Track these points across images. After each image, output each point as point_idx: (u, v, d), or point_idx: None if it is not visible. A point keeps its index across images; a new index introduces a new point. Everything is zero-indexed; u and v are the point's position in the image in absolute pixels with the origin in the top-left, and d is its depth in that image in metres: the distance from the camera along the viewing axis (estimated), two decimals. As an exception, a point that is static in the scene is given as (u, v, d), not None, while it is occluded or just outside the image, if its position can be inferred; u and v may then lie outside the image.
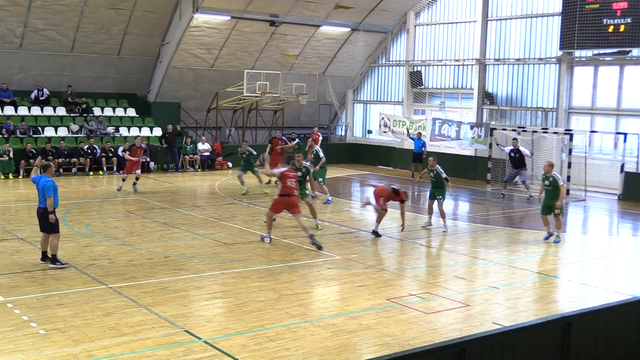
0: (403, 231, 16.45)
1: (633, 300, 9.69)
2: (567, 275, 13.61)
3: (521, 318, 10.44)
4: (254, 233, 16.32)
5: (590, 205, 22.81)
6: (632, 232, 19.61)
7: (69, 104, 29.56)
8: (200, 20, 29.05)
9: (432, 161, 17.74)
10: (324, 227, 17.25)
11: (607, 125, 26.68)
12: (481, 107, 30.42)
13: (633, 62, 25.61)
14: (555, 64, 27.73)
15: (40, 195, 12.66)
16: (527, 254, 15.31)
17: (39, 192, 12.67)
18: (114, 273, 12.49)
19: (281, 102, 32.29)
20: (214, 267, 13.19)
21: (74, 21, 28.03)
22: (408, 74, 33.52)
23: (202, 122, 32.41)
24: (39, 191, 12.66)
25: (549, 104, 28.05)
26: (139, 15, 29.00)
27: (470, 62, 30.88)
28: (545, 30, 28.21)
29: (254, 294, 11.47)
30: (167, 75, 30.95)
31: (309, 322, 10.15)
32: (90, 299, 10.94)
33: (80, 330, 9.52)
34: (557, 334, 8.11)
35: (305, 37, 32.90)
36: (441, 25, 32.46)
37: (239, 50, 31.80)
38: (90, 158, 26.80)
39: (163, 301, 10.93)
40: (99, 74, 30.70)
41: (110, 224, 17.25)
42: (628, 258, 15.63)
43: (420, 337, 9.68)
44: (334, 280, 12.65)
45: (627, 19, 24.38)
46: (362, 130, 37.12)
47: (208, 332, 9.64)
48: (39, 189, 12.67)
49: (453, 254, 15.06)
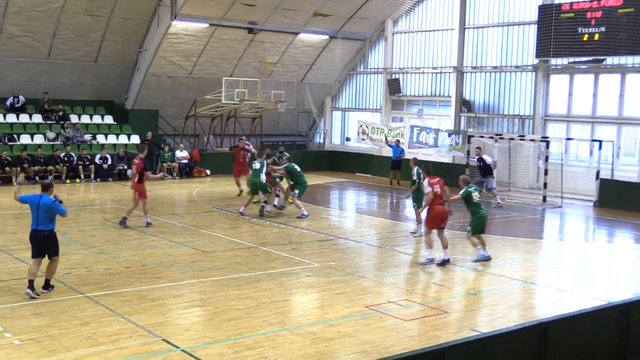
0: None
1: (609, 306, 9.79)
2: (544, 282, 13.71)
3: (499, 324, 10.49)
4: (233, 241, 16.27)
5: (567, 211, 23.01)
6: (607, 239, 19.81)
7: (45, 111, 29.30)
8: (178, 27, 28.98)
9: (412, 162, 17.97)
10: (302, 234, 17.22)
11: (583, 133, 26.97)
12: (459, 115, 30.62)
13: (607, 71, 25.94)
14: (531, 72, 28.00)
15: (43, 217, 11.38)
16: (504, 260, 15.40)
17: (40, 213, 11.37)
18: (91, 282, 12.38)
19: (259, 110, 32.26)
20: (192, 275, 13.12)
21: (51, 28, 27.84)
22: (386, 81, 33.66)
23: (180, 129, 32.27)
24: (41, 212, 11.37)
25: (526, 112, 28.30)
26: (116, 22, 28.87)
27: (448, 69, 31.08)
28: (522, 39, 28.50)
29: (233, 302, 11.42)
30: (145, 83, 30.81)
31: (287, 330, 10.12)
32: (67, 308, 10.83)
33: (56, 340, 9.41)
34: (535, 339, 8.17)
35: (283, 45, 32.92)
36: (419, 33, 32.66)
37: (217, 57, 31.75)
38: (67, 165, 26.56)
39: (140, 310, 10.84)
40: (76, 80, 30.48)
41: (87, 232, 17.10)
42: (604, 264, 15.79)
43: (399, 344, 9.69)
44: (312, 288, 12.64)
45: (601, 27, 24.69)
46: (341, 137, 37.19)
47: (186, 340, 9.58)
48: (39, 209, 11.38)
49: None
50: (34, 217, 11.49)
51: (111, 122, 31.05)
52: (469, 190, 14.82)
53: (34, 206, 11.44)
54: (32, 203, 11.49)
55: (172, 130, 32.39)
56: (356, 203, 25.37)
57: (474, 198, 14.82)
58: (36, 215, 11.43)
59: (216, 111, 31.66)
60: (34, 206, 11.44)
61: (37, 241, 11.55)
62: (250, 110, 31.67)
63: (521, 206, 23.71)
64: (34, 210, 11.46)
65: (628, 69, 25.34)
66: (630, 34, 23.98)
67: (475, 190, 14.96)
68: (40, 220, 11.42)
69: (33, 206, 11.47)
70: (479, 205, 15.01)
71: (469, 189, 14.84)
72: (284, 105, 31.84)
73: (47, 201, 11.41)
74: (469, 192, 14.81)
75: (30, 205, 11.54)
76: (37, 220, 11.44)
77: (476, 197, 14.86)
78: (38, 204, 11.39)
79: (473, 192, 14.84)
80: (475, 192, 14.90)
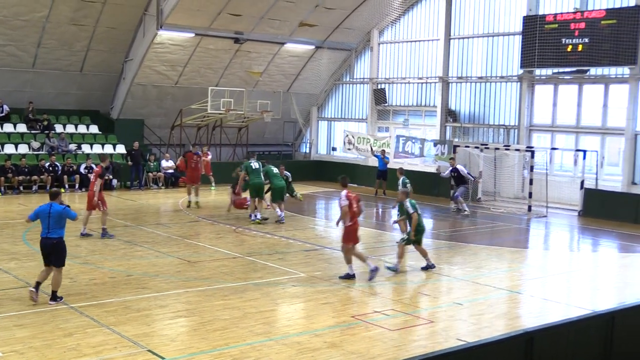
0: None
1: (594, 315, 9.83)
2: (529, 291, 13.75)
3: (484, 334, 10.51)
4: (218, 251, 16.22)
5: (552, 221, 23.13)
6: (592, 248, 19.92)
7: (30, 120, 29.15)
8: (164, 37, 28.95)
9: (398, 172, 18.08)
10: (288, 244, 17.22)
11: (567, 143, 27.16)
12: (444, 125, 30.75)
13: (591, 81, 26.16)
14: (516, 82, 28.19)
15: (55, 224, 11.62)
16: (490, 270, 15.45)
17: (51, 220, 11.60)
18: (75, 292, 12.28)
19: (245, 120, 32.25)
20: (178, 286, 13.07)
21: (35, 37, 27.74)
22: (372, 91, 33.77)
23: (166, 139, 32.20)
24: (52, 220, 11.59)
25: (511, 122, 28.47)
26: (102, 32, 28.81)
27: (434, 80, 31.23)
28: (507, 49, 28.71)
29: (218, 312, 11.38)
30: (131, 92, 30.74)
31: (273, 341, 10.09)
32: (50, 319, 10.74)
33: (39, 352, 9.33)
34: (520, 349, 8.18)
35: (269, 55, 32.97)
36: (405, 43, 32.81)
37: (203, 67, 31.74)
38: (52, 175, 26.39)
39: (126, 320, 10.77)
40: (61, 90, 30.37)
41: (72, 242, 16.92)
42: (588, 273, 15.88)
43: (385, 354, 9.68)
44: (298, 298, 12.61)
45: (584, 38, 24.92)
46: (327, 147, 37.24)
47: (172, 351, 9.53)
48: (51, 217, 11.60)
49: (417, 270, 15.11)
50: (44, 226, 11.67)
51: (96, 131, 30.94)
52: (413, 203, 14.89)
53: (45, 215, 11.66)
54: (42, 213, 11.72)
55: (158, 140, 32.31)
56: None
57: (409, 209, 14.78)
58: (47, 223, 11.64)
59: (202, 121, 31.62)
60: (45, 215, 11.66)
61: (45, 249, 11.70)
62: (236, 120, 31.66)
63: (506, 216, 23.81)
64: (44, 219, 11.66)
65: (611, 80, 25.57)
66: (613, 45, 24.23)
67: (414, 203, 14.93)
68: (51, 228, 11.62)
69: (43, 215, 11.68)
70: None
71: (412, 202, 14.90)
72: (270, 115, 31.85)
73: (58, 208, 11.71)
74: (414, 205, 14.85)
75: (40, 215, 11.75)
76: (48, 228, 11.64)
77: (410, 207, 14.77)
78: (49, 212, 11.63)
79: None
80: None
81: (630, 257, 18.04)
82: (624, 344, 9.55)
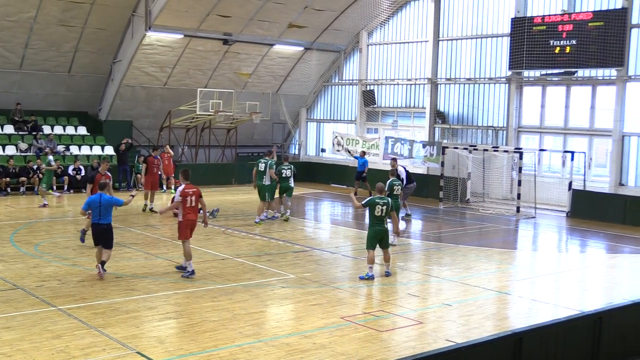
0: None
1: (582, 316, 9.90)
2: (518, 292, 13.81)
3: (473, 335, 10.54)
4: (208, 252, 16.18)
5: (540, 222, 23.22)
6: (580, 249, 20.02)
7: (17, 122, 28.99)
8: (152, 38, 28.88)
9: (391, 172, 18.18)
10: (277, 245, 17.22)
11: (555, 144, 27.30)
12: (433, 126, 30.84)
13: (578, 83, 26.30)
14: (504, 84, 28.31)
15: (105, 211, 13.32)
16: (479, 271, 15.50)
17: (102, 209, 13.28)
18: (64, 294, 12.23)
19: (234, 121, 32.22)
20: (167, 287, 13.03)
21: (23, 38, 27.60)
22: (361, 92, 33.82)
23: (155, 140, 32.12)
24: (102, 208, 13.28)
25: (499, 123, 28.58)
26: (90, 33, 28.70)
27: (422, 81, 31.31)
28: (495, 51, 28.83)
29: (207, 313, 11.36)
30: (119, 93, 30.64)
31: (262, 342, 10.09)
32: (39, 321, 10.69)
33: (27, 354, 9.28)
34: (509, 350, 8.23)
35: (258, 56, 32.96)
36: (393, 45, 32.88)
37: (192, 68, 31.69)
38: (40, 177, 26.21)
39: (114, 322, 10.74)
40: (49, 91, 30.23)
41: (60, 244, 16.90)
42: (576, 274, 15.95)
43: (374, 355, 9.69)
44: (287, 299, 12.61)
45: (572, 40, 25.07)
46: (316, 148, 37.25)
47: (160, 353, 9.50)
48: (102, 206, 13.27)
49: (406, 271, 15.15)
50: (95, 213, 13.35)
51: (85, 133, 30.82)
52: (375, 201, 14.02)
53: (96, 204, 13.33)
54: (93, 203, 13.39)
55: (147, 142, 32.22)
56: (331, 214, 25.38)
57: (376, 210, 13.95)
58: (98, 211, 13.31)
59: (191, 122, 31.57)
60: (96, 204, 13.33)
61: (98, 233, 13.46)
62: (225, 121, 31.62)
63: (495, 217, 23.90)
64: (95, 208, 13.32)
65: (599, 81, 25.72)
66: (600, 47, 24.39)
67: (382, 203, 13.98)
68: (101, 215, 13.32)
69: (95, 205, 13.35)
70: (379, 219, 13.99)
71: (375, 199, 14.04)
72: (259, 116, 31.83)
73: (107, 198, 13.48)
74: (374, 202, 13.99)
75: (91, 205, 13.41)
76: (99, 215, 13.33)
77: (379, 210, 13.92)
78: (99, 201, 13.31)
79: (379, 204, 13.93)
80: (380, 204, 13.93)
81: (618, 258, 18.16)
82: (612, 344, 9.62)
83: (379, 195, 14.14)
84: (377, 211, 13.92)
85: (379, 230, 14.02)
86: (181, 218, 13.79)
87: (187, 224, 13.79)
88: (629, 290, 14.08)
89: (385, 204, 13.95)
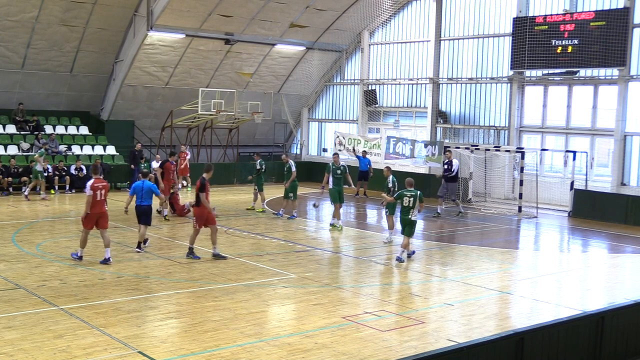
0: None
1: (584, 316, 9.87)
2: (520, 292, 13.80)
3: (475, 334, 10.53)
4: (209, 252, 16.18)
5: (542, 222, 23.20)
6: (582, 249, 20.00)
7: (19, 121, 29.01)
8: (154, 38, 28.89)
9: (387, 171, 18.20)
10: (279, 245, 17.22)
11: (557, 144, 27.28)
12: (435, 126, 30.83)
13: (580, 82, 26.28)
14: (506, 84, 28.29)
15: (146, 195, 15.75)
16: (481, 270, 15.49)
17: (144, 193, 15.72)
18: (65, 294, 12.24)
19: (236, 121, 32.22)
20: (168, 287, 13.04)
21: (25, 38, 27.62)
22: (363, 92, 33.81)
23: (157, 140, 32.13)
24: (144, 193, 15.72)
25: (501, 123, 28.56)
26: (92, 33, 28.72)
27: (424, 81, 31.30)
28: (497, 51, 28.81)
29: (209, 313, 11.36)
30: (121, 93, 30.66)
31: (264, 342, 10.08)
32: (40, 321, 10.69)
33: (29, 354, 9.28)
34: (511, 349, 8.21)
35: (260, 56, 32.96)
36: (395, 44, 32.87)
37: (194, 68, 31.70)
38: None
39: (116, 322, 10.74)
40: (51, 91, 30.25)
41: (62, 244, 16.91)
42: (578, 274, 15.94)
43: (375, 355, 9.69)
44: (289, 299, 12.60)
45: (574, 40, 25.05)
46: (317, 148, 37.25)
47: (162, 352, 9.50)
48: (144, 190, 15.71)
49: (408, 271, 15.15)
50: (138, 196, 15.75)
51: (87, 132, 30.83)
52: (403, 193, 15.77)
53: (139, 189, 15.76)
54: (137, 187, 15.83)
55: (149, 141, 32.24)
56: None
57: (404, 201, 15.67)
58: (141, 194, 15.75)
59: (193, 122, 31.57)
60: (139, 189, 15.76)
61: (140, 212, 15.84)
62: (227, 121, 31.63)
63: (497, 216, 23.88)
64: (139, 191, 15.74)
65: (601, 81, 25.69)
66: (602, 47, 24.37)
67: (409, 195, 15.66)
68: (144, 198, 15.76)
69: (138, 189, 15.78)
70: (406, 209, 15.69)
71: (404, 192, 15.76)
72: (261, 116, 31.83)
73: (148, 184, 15.90)
74: (402, 195, 15.78)
75: (136, 189, 15.81)
76: (141, 198, 15.76)
77: (407, 201, 15.64)
78: (142, 187, 15.75)
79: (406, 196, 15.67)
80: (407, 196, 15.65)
81: (620, 258, 18.14)
82: (614, 344, 9.60)
83: (408, 188, 15.77)
84: (405, 202, 15.67)
85: (403, 219, 15.79)
86: (88, 210, 14.52)
87: (94, 216, 14.60)
88: (631, 290, 14.07)
89: (413, 196, 15.60)
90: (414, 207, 15.58)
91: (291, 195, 21.67)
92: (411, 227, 15.78)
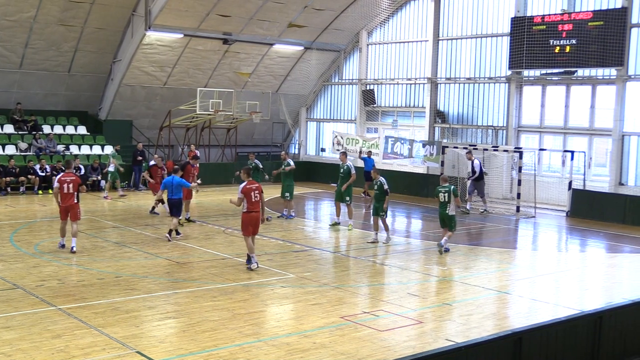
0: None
1: (582, 315, 9.89)
2: (518, 292, 13.81)
3: (473, 334, 10.54)
4: (207, 252, 16.19)
5: (540, 221, 23.22)
6: (580, 248, 20.02)
7: (17, 121, 28.98)
8: (152, 37, 28.88)
9: (374, 173, 18.20)
10: (278, 245, 17.22)
11: (555, 143, 27.30)
12: (433, 125, 30.84)
13: (578, 82, 26.31)
14: (504, 83, 28.31)
15: (175, 189, 17.37)
16: (479, 270, 15.50)
17: (174, 187, 17.36)
18: (64, 294, 12.23)
19: (234, 120, 32.23)
20: (167, 287, 13.03)
21: (23, 37, 27.60)
22: (361, 92, 33.82)
23: (155, 140, 32.12)
24: (174, 186, 17.36)
25: (499, 122, 28.58)
26: (90, 32, 28.71)
27: (422, 80, 31.31)
28: (495, 50, 28.83)
29: (207, 313, 11.36)
30: (119, 93, 30.65)
31: (262, 342, 10.08)
32: (38, 321, 10.69)
33: (27, 354, 9.28)
34: (509, 349, 8.22)
35: (258, 56, 32.96)
36: (393, 44, 32.88)
37: (192, 68, 31.68)
38: (40, 177, 26.19)
39: (114, 322, 10.73)
40: (49, 91, 30.23)
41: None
42: (576, 274, 15.95)
43: (374, 354, 9.69)
44: (287, 299, 12.61)
45: (572, 40, 25.07)
46: (316, 148, 37.25)
47: (160, 352, 9.50)
48: (174, 185, 17.35)
49: (406, 271, 15.15)
50: (169, 190, 17.46)
51: (85, 132, 30.82)
52: (438, 190, 16.93)
53: (170, 184, 17.48)
54: (168, 182, 17.63)
55: (147, 141, 32.21)
56: (331, 214, 25.31)
57: (440, 197, 16.78)
58: (171, 188, 17.41)
59: (191, 122, 31.56)
60: (170, 184, 17.48)
61: (171, 205, 17.57)
62: (225, 120, 31.63)
63: (495, 216, 23.90)
64: (169, 186, 17.46)
65: (599, 81, 25.72)
66: (600, 47, 24.39)
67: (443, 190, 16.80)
68: (174, 192, 17.41)
69: (169, 184, 17.50)
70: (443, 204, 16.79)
71: (438, 189, 16.98)
72: (259, 116, 31.84)
73: (177, 179, 17.59)
74: (437, 191, 16.96)
75: (167, 184, 17.62)
76: (172, 192, 17.41)
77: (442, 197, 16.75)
78: (172, 182, 17.42)
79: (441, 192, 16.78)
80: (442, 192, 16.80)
81: (618, 257, 18.15)
82: (612, 344, 9.62)
83: (442, 185, 16.92)
84: (440, 198, 16.73)
85: (440, 212, 16.94)
86: (62, 203, 15.55)
87: (64, 208, 15.58)
88: (629, 289, 14.09)
89: (447, 191, 16.65)
90: (450, 202, 16.58)
91: (287, 195, 21.60)
92: (451, 222, 16.80)
